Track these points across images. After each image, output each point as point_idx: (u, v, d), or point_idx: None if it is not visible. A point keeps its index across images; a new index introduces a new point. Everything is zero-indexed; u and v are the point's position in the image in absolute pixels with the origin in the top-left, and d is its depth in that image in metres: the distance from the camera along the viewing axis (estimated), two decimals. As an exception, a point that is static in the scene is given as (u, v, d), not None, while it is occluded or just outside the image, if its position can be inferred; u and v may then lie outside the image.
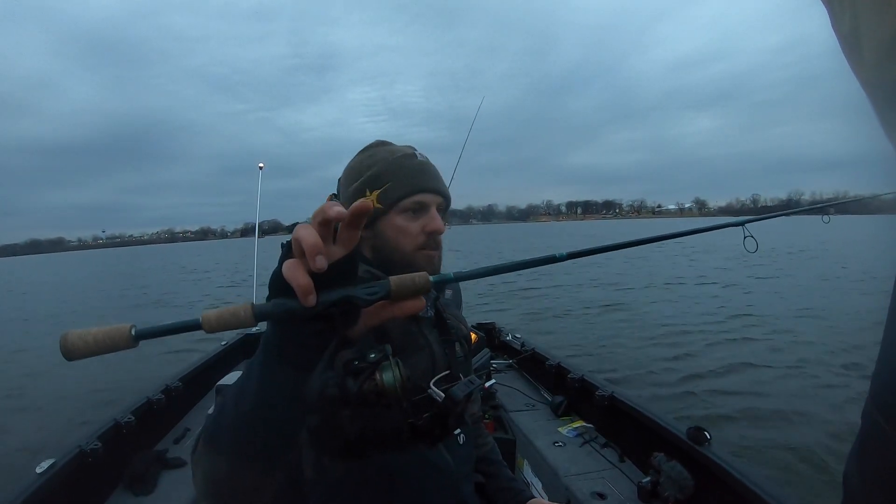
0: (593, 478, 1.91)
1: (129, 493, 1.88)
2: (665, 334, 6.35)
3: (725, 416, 3.81)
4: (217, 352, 3.29)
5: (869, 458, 0.44)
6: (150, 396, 2.33)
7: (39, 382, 5.82)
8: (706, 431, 1.70)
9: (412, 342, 0.74)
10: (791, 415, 3.79)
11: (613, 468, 1.97)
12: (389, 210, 0.73)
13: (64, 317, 11.98)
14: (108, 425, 1.99)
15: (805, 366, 4.93)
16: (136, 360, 6.47)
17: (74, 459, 1.72)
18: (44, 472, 1.58)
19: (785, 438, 3.44)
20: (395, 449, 0.68)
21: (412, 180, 0.74)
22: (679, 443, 1.75)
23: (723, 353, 5.47)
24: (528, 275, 12.93)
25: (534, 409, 2.60)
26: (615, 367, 4.93)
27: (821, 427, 3.57)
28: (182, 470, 2.06)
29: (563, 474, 1.93)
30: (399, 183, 0.73)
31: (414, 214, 0.74)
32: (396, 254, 0.73)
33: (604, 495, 1.79)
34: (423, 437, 0.70)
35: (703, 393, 4.31)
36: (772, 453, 3.25)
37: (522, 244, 37.28)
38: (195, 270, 28.19)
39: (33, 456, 1.82)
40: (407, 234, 0.73)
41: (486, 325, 3.78)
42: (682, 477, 1.66)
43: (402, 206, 0.73)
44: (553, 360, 2.80)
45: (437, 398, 0.70)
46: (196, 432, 2.36)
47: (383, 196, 0.73)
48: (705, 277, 12.59)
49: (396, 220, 0.73)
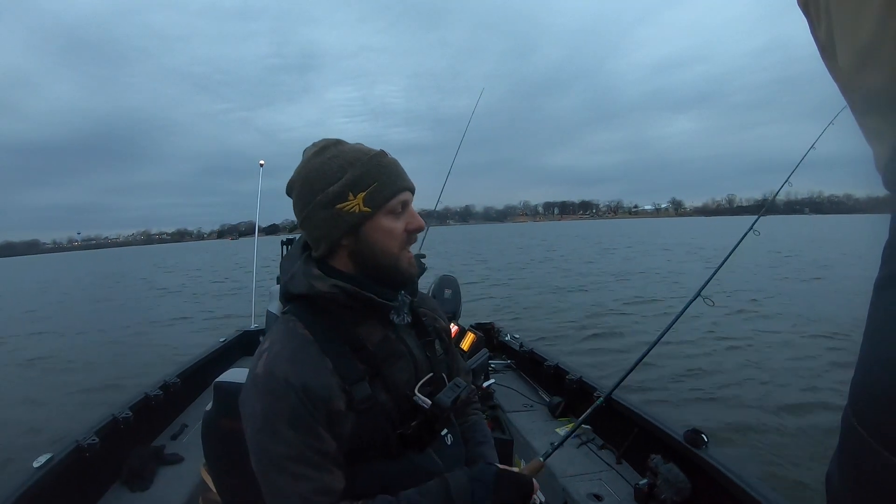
0: (590, 479, 1.91)
1: (126, 488, 1.88)
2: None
3: (722, 419, 3.82)
4: (215, 348, 3.29)
5: (847, 462, 0.45)
6: (147, 392, 2.33)
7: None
8: (703, 434, 1.71)
9: (392, 351, 0.73)
10: (788, 418, 3.80)
11: (610, 470, 1.98)
12: (377, 212, 0.70)
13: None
14: (106, 421, 1.99)
15: (803, 367, 4.94)
16: (135, 356, 6.49)
17: (71, 455, 1.72)
18: (41, 467, 1.58)
19: (782, 441, 3.44)
20: (384, 458, 0.68)
21: (396, 179, 0.71)
22: (676, 445, 1.76)
23: (723, 356, 5.48)
24: (528, 275, 13.24)
25: (531, 410, 2.60)
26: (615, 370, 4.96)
27: (817, 430, 3.57)
28: (179, 466, 2.06)
29: (560, 475, 1.93)
30: (384, 183, 0.70)
31: (396, 214, 0.72)
32: (383, 257, 0.71)
33: (600, 497, 1.79)
34: (412, 445, 0.70)
35: (701, 395, 4.32)
36: (768, 456, 3.25)
37: (502, 245, 37.34)
38: (177, 271, 27.86)
39: (30, 451, 1.82)
40: (393, 235, 0.71)
41: (484, 326, 3.78)
42: (679, 479, 1.66)
43: (388, 207, 0.70)
44: (551, 361, 2.80)
45: (423, 405, 0.70)
46: (193, 429, 2.36)
47: (370, 198, 0.69)
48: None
49: (383, 222, 0.70)
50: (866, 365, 0.42)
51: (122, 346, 7.68)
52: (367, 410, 0.66)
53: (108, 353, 7.18)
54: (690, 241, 28.76)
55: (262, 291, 3.50)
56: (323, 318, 0.70)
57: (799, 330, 6.57)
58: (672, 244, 26.96)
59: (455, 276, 2.87)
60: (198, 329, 8.78)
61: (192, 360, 2.96)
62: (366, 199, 0.69)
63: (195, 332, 8.34)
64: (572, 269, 16.63)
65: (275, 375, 0.64)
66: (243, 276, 17.14)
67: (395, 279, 0.73)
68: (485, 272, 16.10)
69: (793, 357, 5.30)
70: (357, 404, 0.66)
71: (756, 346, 5.88)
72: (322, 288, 0.69)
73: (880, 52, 0.37)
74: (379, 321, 0.74)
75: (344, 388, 0.66)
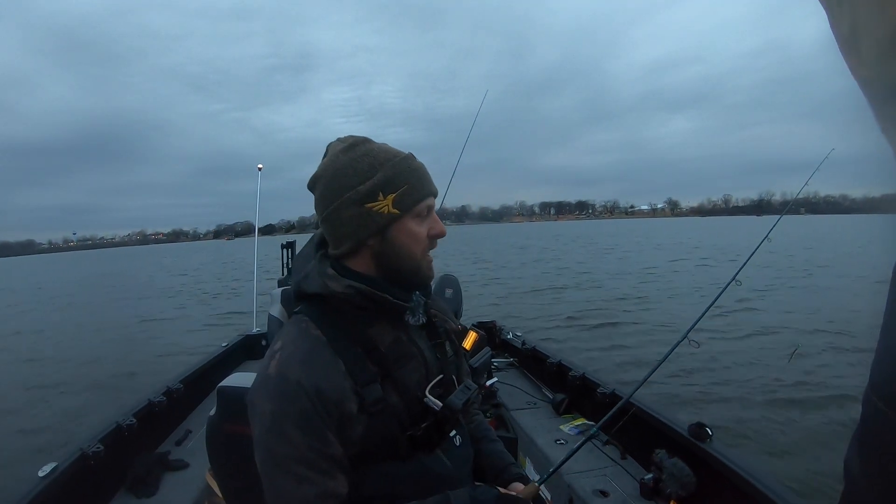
0: (595, 475, 1.91)
1: (131, 495, 1.88)
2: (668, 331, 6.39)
3: (728, 412, 3.82)
4: (218, 353, 3.28)
5: (870, 443, 0.45)
6: (151, 398, 2.33)
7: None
8: (708, 427, 1.70)
9: (403, 352, 0.72)
10: (794, 410, 3.80)
11: (615, 465, 1.97)
12: (405, 215, 0.70)
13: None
14: (110, 427, 1.99)
15: (809, 360, 4.94)
16: (136, 361, 6.50)
17: (76, 462, 1.72)
18: (46, 476, 1.58)
19: (788, 433, 3.44)
20: (394, 460, 0.68)
21: (424, 183, 0.71)
22: (681, 439, 1.75)
23: (726, 347, 5.48)
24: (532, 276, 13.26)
25: (535, 408, 2.60)
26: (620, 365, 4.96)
27: (824, 422, 3.57)
28: (184, 471, 2.06)
29: (565, 472, 1.93)
30: (414, 186, 0.70)
31: (422, 218, 0.72)
32: (407, 260, 0.71)
33: (606, 493, 1.79)
34: (422, 446, 0.69)
35: (705, 388, 4.32)
36: (774, 449, 3.26)
37: (498, 244, 37.40)
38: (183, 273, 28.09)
39: (36, 460, 1.82)
40: (418, 239, 0.71)
41: (486, 324, 3.78)
42: (684, 473, 1.66)
43: (416, 210, 0.70)
44: (554, 359, 2.80)
45: (434, 407, 0.70)
46: (198, 434, 2.36)
47: (399, 200, 0.68)
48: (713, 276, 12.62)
49: (410, 225, 0.70)
50: (888, 345, 0.43)
51: (130, 342, 7.77)
52: (378, 412, 0.66)
53: (119, 350, 7.27)
54: (703, 242, 28.72)
55: (262, 290, 3.50)
56: (336, 318, 0.70)
57: (803, 324, 6.58)
58: (668, 244, 26.98)
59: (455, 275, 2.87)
60: (199, 328, 8.84)
61: (195, 365, 2.96)
62: (395, 201, 0.68)
63: (196, 332, 8.39)
64: (571, 267, 16.69)
65: (287, 377, 0.63)
66: (243, 276, 17.20)
67: (415, 282, 0.73)
68: (483, 271, 16.16)
69: (798, 352, 5.30)
70: (368, 406, 0.65)
71: (761, 339, 5.89)
72: (336, 288, 0.68)
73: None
74: (390, 322, 0.73)
75: (356, 390, 0.65)
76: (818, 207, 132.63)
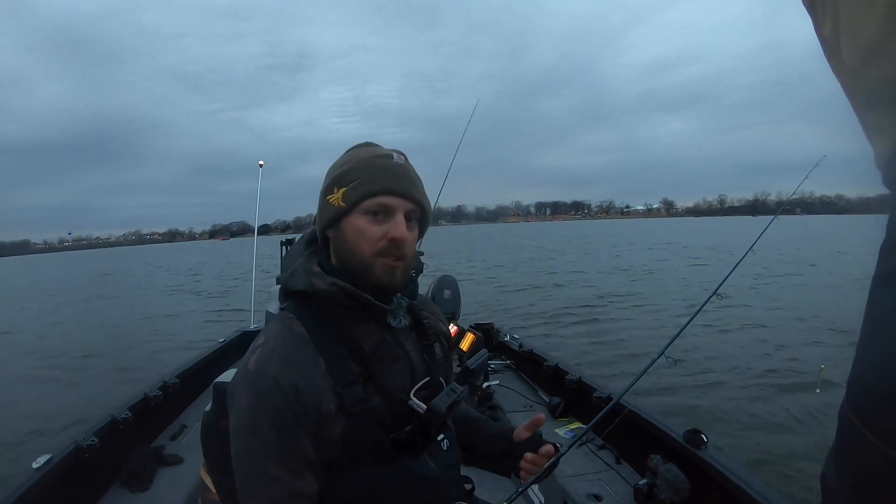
0: (590, 479, 1.91)
1: (125, 489, 1.88)
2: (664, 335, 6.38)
3: (722, 419, 3.81)
4: (214, 349, 3.28)
5: (845, 459, 0.45)
6: (147, 393, 2.32)
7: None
8: (703, 434, 1.70)
9: (388, 353, 0.71)
10: (788, 418, 3.80)
11: (610, 470, 1.97)
12: (352, 209, 0.68)
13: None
14: (105, 421, 1.99)
15: (803, 366, 4.94)
16: (132, 358, 6.49)
17: (71, 455, 1.71)
18: (40, 468, 1.58)
19: (783, 442, 3.44)
20: (378, 463, 0.67)
21: (380, 180, 0.68)
22: (676, 445, 1.75)
23: (722, 354, 5.48)
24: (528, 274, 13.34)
25: (531, 411, 2.60)
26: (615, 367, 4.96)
27: (817, 429, 3.57)
28: (178, 466, 2.06)
29: (560, 476, 1.93)
30: (364, 182, 0.68)
31: (376, 217, 0.68)
32: (354, 258, 0.69)
33: (600, 497, 1.79)
34: (406, 449, 0.69)
35: (701, 394, 4.31)
36: (768, 457, 3.25)
37: (494, 245, 37.44)
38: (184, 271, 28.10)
39: (30, 451, 1.82)
40: (366, 237, 0.68)
41: (484, 326, 3.78)
42: (679, 479, 1.66)
43: (364, 206, 0.68)
44: (551, 362, 2.80)
45: (418, 410, 0.69)
46: (193, 429, 2.36)
47: (348, 194, 0.68)
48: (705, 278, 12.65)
49: (357, 222, 0.68)
50: (864, 361, 0.42)
51: (130, 338, 7.77)
52: (358, 413, 0.65)
53: (121, 344, 7.27)
54: (694, 242, 28.85)
55: (262, 289, 3.50)
56: (321, 316, 0.69)
57: (798, 326, 6.59)
58: (660, 244, 27.11)
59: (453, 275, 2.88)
60: (199, 324, 8.84)
61: (192, 361, 2.96)
62: (345, 195, 0.69)
63: (195, 329, 8.38)
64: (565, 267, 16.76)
65: (265, 373, 0.63)
66: (242, 275, 17.19)
67: (367, 283, 0.69)
68: (481, 270, 16.18)
69: (792, 357, 5.30)
70: (348, 407, 0.64)
71: (757, 343, 5.88)
72: (320, 286, 0.68)
73: (886, 48, 0.37)
74: (377, 323, 0.73)
75: (336, 390, 0.65)
76: (813, 208, 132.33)
